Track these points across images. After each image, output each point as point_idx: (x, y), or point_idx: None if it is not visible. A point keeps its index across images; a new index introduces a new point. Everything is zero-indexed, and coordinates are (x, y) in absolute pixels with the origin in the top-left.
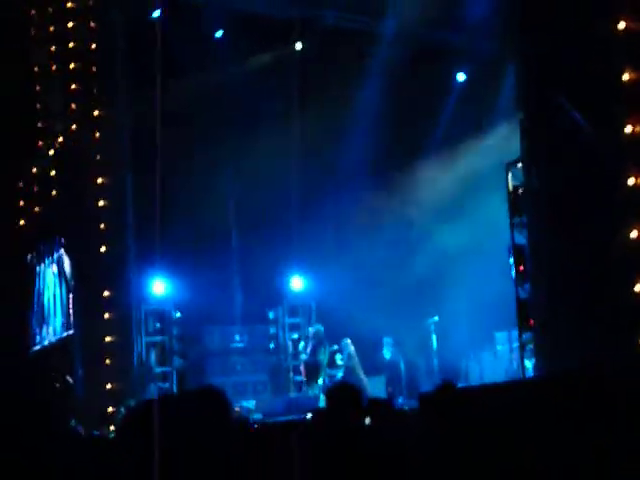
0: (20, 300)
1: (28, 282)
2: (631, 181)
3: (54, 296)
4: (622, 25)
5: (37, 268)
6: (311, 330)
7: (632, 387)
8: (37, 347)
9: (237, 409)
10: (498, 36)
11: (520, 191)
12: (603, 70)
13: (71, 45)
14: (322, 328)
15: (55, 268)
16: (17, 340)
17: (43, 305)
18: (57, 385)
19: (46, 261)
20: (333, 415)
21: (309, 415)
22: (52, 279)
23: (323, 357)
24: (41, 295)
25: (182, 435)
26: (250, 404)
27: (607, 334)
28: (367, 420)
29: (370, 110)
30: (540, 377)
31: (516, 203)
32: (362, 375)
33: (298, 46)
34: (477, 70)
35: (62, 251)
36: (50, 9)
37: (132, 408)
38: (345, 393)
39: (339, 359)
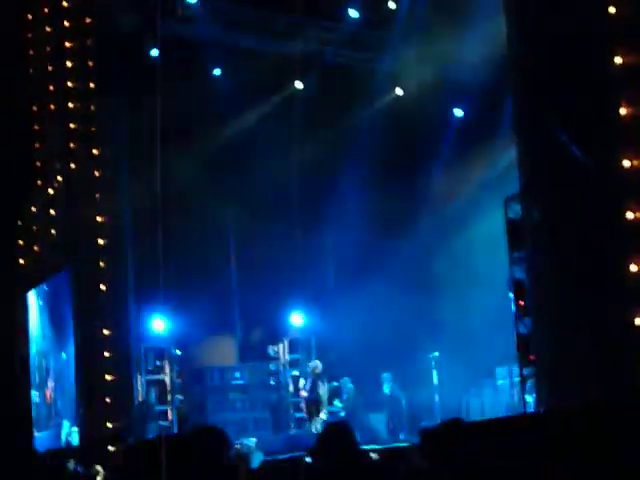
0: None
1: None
2: (630, 215)
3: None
4: (619, 60)
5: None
6: (310, 366)
7: (635, 423)
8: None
9: (238, 446)
10: (495, 69)
11: (519, 225)
12: (600, 103)
13: (70, 84)
14: (320, 364)
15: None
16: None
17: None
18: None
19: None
20: (326, 456)
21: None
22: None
23: (323, 392)
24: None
25: (182, 475)
26: (251, 441)
27: (609, 369)
28: (374, 456)
29: (369, 145)
30: (542, 412)
31: (515, 237)
32: (363, 414)
33: (299, 84)
34: (474, 104)
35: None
36: (49, 48)
37: (130, 448)
38: (337, 433)
39: (338, 402)
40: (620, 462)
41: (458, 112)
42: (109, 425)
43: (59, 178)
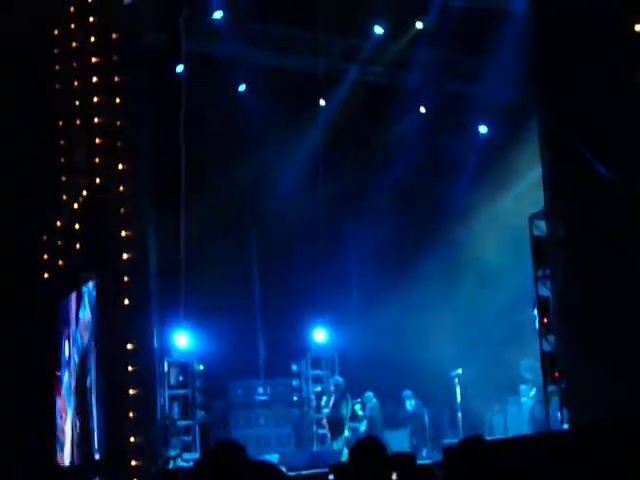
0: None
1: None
2: None
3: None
4: None
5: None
6: (332, 383)
7: None
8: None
9: None
10: (520, 86)
11: (544, 242)
12: (624, 120)
13: (95, 99)
14: (342, 380)
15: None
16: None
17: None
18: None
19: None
20: (358, 472)
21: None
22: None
23: (345, 411)
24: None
25: None
26: (273, 457)
27: (636, 385)
28: (394, 476)
29: (393, 162)
30: (566, 430)
31: (540, 255)
32: (384, 430)
33: (322, 101)
34: (499, 120)
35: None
36: (75, 64)
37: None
38: (369, 449)
39: (359, 409)
40: None
41: (483, 129)
42: (132, 440)
43: (84, 193)
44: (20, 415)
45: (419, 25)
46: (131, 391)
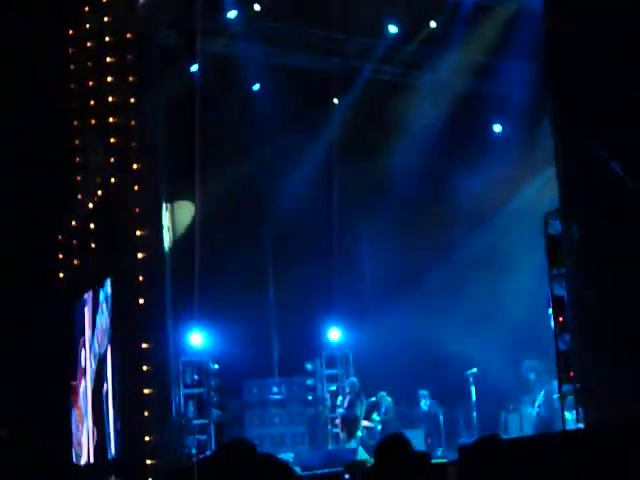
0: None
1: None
2: None
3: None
4: None
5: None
6: (347, 384)
7: None
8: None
9: None
10: (535, 85)
11: (558, 241)
12: (639, 119)
13: (110, 99)
14: (357, 381)
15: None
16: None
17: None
18: None
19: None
20: (384, 469)
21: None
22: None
23: (360, 411)
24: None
25: None
26: (288, 456)
27: None
28: None
29: (408, 162)
30: (582, 430)
31: (555, 254)
32: (399, 429)
33: (335, 100)
34: (514, 119)
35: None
36: (90, 64)
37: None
38: (396, 444)
39: (376, 416)
40: None
41: (497, 128)
42: (147, 439)
43: (99, 192)
44: (36, 420)
45: (433, 24)
46: (146, 390)
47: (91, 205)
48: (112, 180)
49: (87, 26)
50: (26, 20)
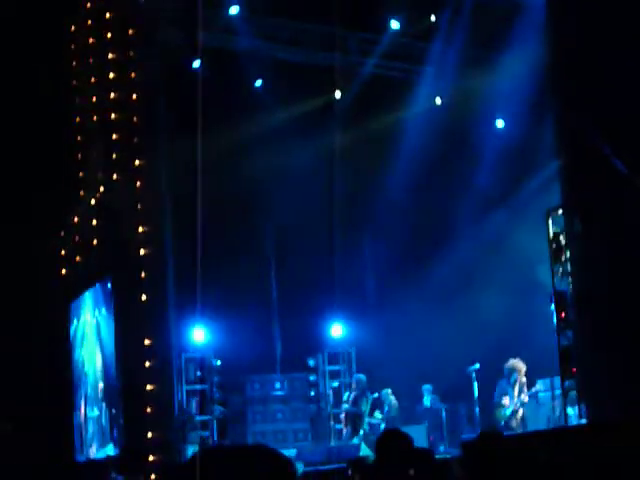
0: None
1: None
2: None
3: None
4: None
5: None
6: (354, 380)
7: None
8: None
9: None
10: (538, 81)
11: (561, 237)
12: None
13: (112, 95)
14: (364, 377)
15: (93, 321)
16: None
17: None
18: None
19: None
20: (384, 466)
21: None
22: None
23: (365, 407)
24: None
25: None
26: (291, 452)
27: None
28: (411, 472)
29: (409, 157)
30: (583, 425)
31: (557, 250)
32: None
33: (337, 94)
34: (517, 115)
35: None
36: (91, 60)
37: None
38: (397, 442)
39: (378, 413)
40: None
41: (500, 123)
42: (150, 435)
43: (101, 189)
44: (38, 416)
45: (434, 19)
46: (149, 386)
47: (93, 201)
48: (114, 176)
49: (89, 22)
50: (27, 16)
